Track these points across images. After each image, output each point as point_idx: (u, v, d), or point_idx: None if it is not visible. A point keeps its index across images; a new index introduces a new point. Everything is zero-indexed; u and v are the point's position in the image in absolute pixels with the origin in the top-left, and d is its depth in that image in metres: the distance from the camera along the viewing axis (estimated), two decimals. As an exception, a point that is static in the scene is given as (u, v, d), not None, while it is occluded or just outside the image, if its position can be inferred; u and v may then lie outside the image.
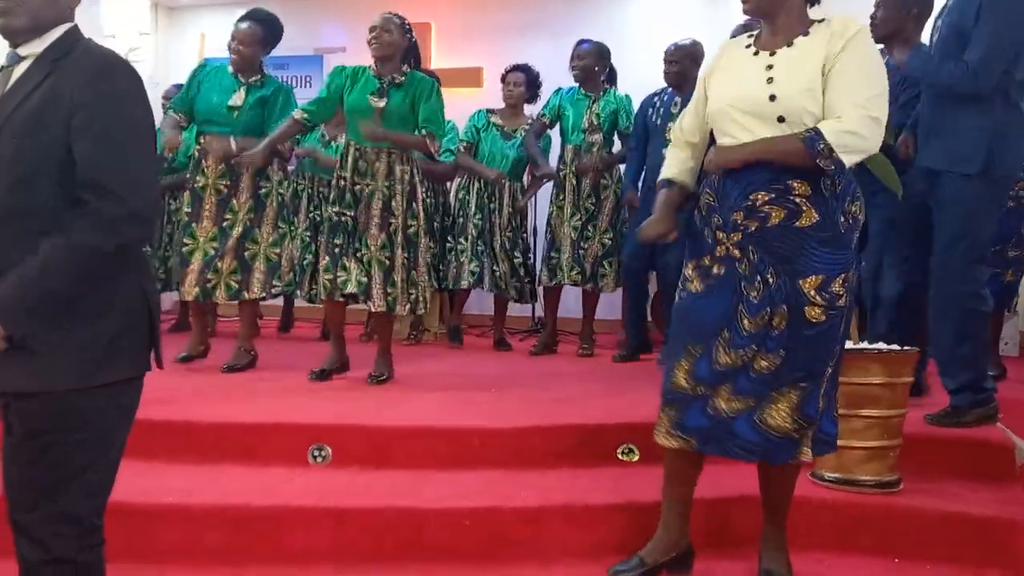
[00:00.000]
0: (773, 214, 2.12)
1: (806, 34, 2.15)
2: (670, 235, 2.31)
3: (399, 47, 3.83)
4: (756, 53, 2.19)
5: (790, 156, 2.07)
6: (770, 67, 2.13)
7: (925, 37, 3.46)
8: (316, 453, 2.95)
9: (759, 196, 2.12)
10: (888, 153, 2.92)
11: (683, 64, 4.60)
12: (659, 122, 4.64)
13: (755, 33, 2.27)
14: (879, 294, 3.43)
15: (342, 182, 3.80)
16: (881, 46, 3.53)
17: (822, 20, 2.18)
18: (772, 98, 2.10)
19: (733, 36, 3.06)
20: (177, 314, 5.84)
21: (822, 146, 2.03)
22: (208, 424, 3.07)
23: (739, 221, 2.15)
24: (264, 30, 4.12)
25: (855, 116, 2.04)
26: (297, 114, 3.86)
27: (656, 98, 4.74)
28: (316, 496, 2.69)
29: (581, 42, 5.05)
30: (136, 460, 2.81)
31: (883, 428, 2.73)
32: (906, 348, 2.79)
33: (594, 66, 4.95)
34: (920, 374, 3.26)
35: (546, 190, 5.27)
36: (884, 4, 3.48)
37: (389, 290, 3.77)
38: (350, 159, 3.80)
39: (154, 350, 1.72)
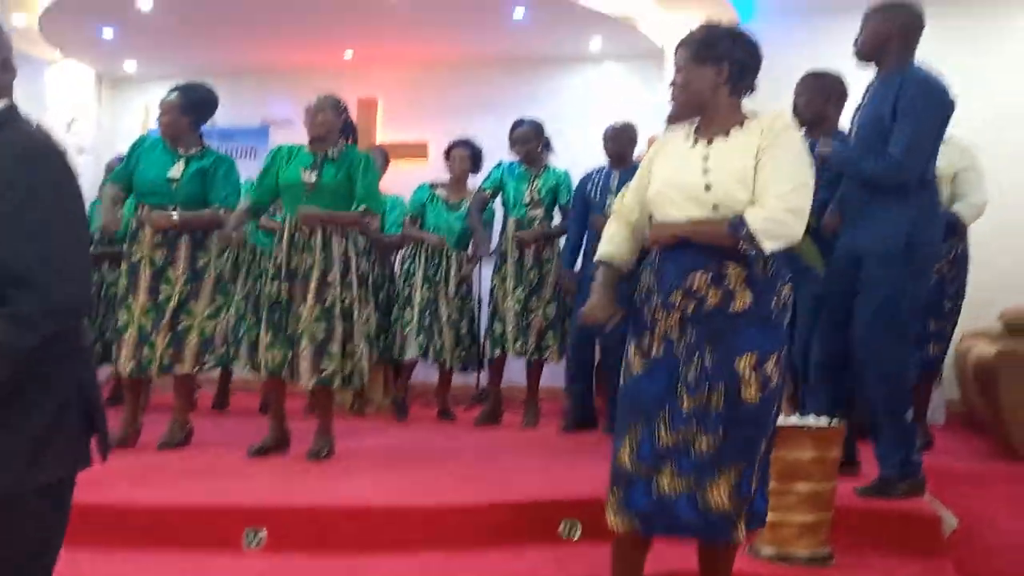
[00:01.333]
0: (710, 296, 2.20)
1: (741, 126, 2.26)
2: (612, 320, 2.35)
3: (334, 127, 3.92)
4: (695, 143, 2.30)
5: (717, 238, 2.18)
6: (706, 157, 2.24)
7: (844, 121, 3.64)
8: (251, 536, 2.90)
9: (696, 277, 2.20)
10: (812, 232, 3.03)
11: (619, 143, 4.81)
12: (597, 197, 4.80)
13: (696, 123, 2.37)
14: (809, 370, 3.52)
15: (278, 259, 3.83)
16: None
17: (756, 114, 2.29)
18: (707, 187, 2.20)
19: (669, 117, 3.20)
20: (112, 386, 5.72)
21: (745, 231, 2.13)
22: (139, 508, 3.00)
23: (677, 302, 2.22)
24: (184, 99, 4.09)
25: (778, 206, 2.15)
26: (244, 204, 3.95)
27: (595, 174, 4.91)
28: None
29: (517, 124, 5.17)
30: (62, 549, 2.76)
31: (815, 502, 2.79)
32: (834, 423, 2.86)
33: (536, 146, 5.10)
34: (852, 448, 3.34)
35: (490, 260, 5.34)
36: (805, 91, 3.66)
37: (324, 364, 3.77)
38: (286, 235, 3.84)
39: (99, 440, 1.65)
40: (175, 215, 3.93)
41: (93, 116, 7.54)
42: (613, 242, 2.42)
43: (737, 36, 2.31)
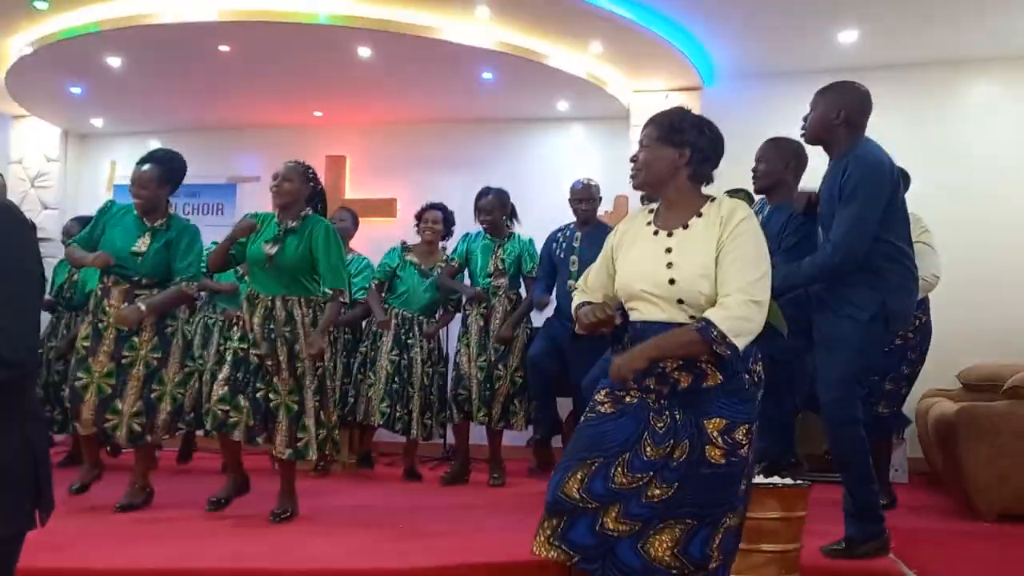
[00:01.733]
0: (682, 379, 2.25)
1: (699, 215, 2.32)
2: (608, 322, 2.33)
3: (300, 195, 3.90)
4: (656, 232, 2.35)
5: (689, 347, 2.21)
6: (669, 250, 2.29)
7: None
8: (212, 601, 2.84)
9: (668, 363, 2.24)
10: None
11: (592, 202, 4.90)
12: (562, 255, 4.88)
13: (655, 207, 2.43)
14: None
15: (247, 324, 3.81)
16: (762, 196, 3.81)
17: (712, 199, 2.35)
18: (672, 281, 2.26)
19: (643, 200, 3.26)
20: (70, 446, 5.60)
21: (715, 334, 2.17)
22: (98, 571, 2.92)
23: (651, 386, 2.27)
24: (162, 171, 4.08)
25: (740, 300, 2.19)
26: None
27: (559, 233, 4.99)
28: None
29: (484, 193, 5.19)
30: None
31: (782, 562, 2.80)
32: (799, 482, 2.89)
33: (500, 216, 5.15)
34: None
35: (456, 323, 5.35)
36: (766, 159, 3.76)
37: (300, 435, 3.75)
38: (246, 307, 3.84)
39: (42, 503, 1.63)
40: (142, 307, 3.87)
41: (59, 172, 7.49)
42: (586, 298, 2.47)
43: (704, 125, 2.39)
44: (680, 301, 2.24)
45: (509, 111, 6.79)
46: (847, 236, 3.09)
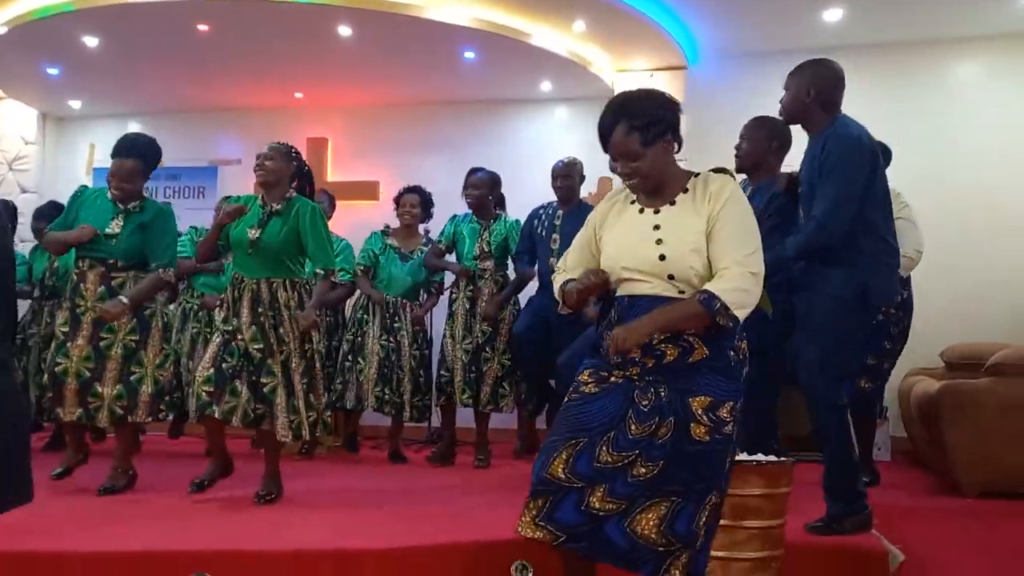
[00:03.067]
0: (668, 352, 2.24)
1: (686, 191, 2.30)
2: (603, 285, 2.30)
3: (283, 174, 3.86)
4: (641, 211, 2.32)
5: (692, 320, 2.20)
6: (657, 227, 2.27)
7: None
8: (196, 583, 2.82)
9: (654, 338, 2.22)
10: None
11: (571, 180, 4.85)
12: (544, 233, 4.87)
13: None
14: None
15: (230, 309, 3.77)
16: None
17: (697, 174, 2.33)
18: (662, 258, 2.24)
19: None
20: (52, 431, 5.56)
21: (718, 306, 2.16)
22: (81, 554, 2.89)
23: (637, 358, 2.25)
24: (143, 163, 4.03)
25: (738, 272, 2.19)
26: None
27: (542, 211, 4.97)
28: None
29: (474, 171, 5.20)
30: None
31: (765, 539, 2.80)
32: (783, 459, 2.89)
33: (487, 195, 5.14)
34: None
35: (442, 306, 5.33)
36: (749, 138, 3.75)
37: (292, 417, 3.73)
38: (230, 288, 3.82)
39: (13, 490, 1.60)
40: (124, 300, 3.82)
41: (37, 155, 7.40)
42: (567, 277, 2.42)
43: (662, 99, 2.32)
44: (671, 277, 2.23)
45: (492, 92, 6.75)
46: (829, 212, 3.10)
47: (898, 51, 6.08)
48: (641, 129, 2.26)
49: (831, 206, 3.09)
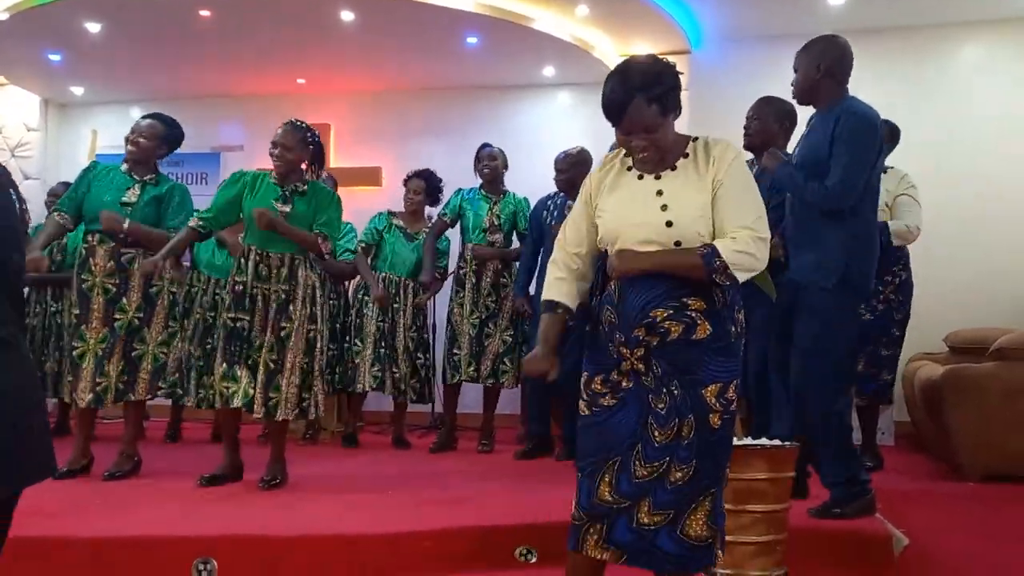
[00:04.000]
0: (672, 329, 2.20)
1: (685, 156, 2.25)
2: (550, 374, 2.29)
3: (300, 160, 3.86)
4: (641, 177, 2.26)
5: (689, 270, 2.17)
6: (660, 192, 2.22)
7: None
8: (201, 568, 2.82)
9: (658, 313, 2.20)
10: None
11: (573, 171, 4.79)
12: (552, 223, 4.80)
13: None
14: (766, 391, 3.57)
15: (240, 287, 3.75)
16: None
17: (695, 138, 2.29)
18: (669, 224, 2.19)
19: (612, 148, 3.18)
20: (56, 417, 5.57)
21: (718, 263, 2.13)
22: (85, 539, 2.91)
23: (641, 337, 2.22)
24: (165, 129, 4.08)
25: (747, 236, 2.15)
26: (193, 222, 3.82)
27: (550, 201, 4.93)
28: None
29: (485, 145, 5.20)
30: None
31: (769, 522, 2.80)
32: (787, 443, 2.89)
33: (501, 168, 5.14)
34: (801, 473, 3.36)
35: (447, 287, 5.33)
36: (758, 117, 3.74)
37: (271, 395, 3.71)
38: (251, 264, 3.75)
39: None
40: (127, 222, 3.84)
41: (39, 141, 7.39)
42: (557, 289, 2.35)
43: (669, 65, 2.24)
44: (677, 244, 2.18)
45: (495, 77, 6.72)
46: (840, 184, 3.09)
47: (901, 35, 6.05)
48: (659, 100, 2.18)
49: (842, 178, 3.09)
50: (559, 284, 2.34)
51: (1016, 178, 5.84)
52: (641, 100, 2.17)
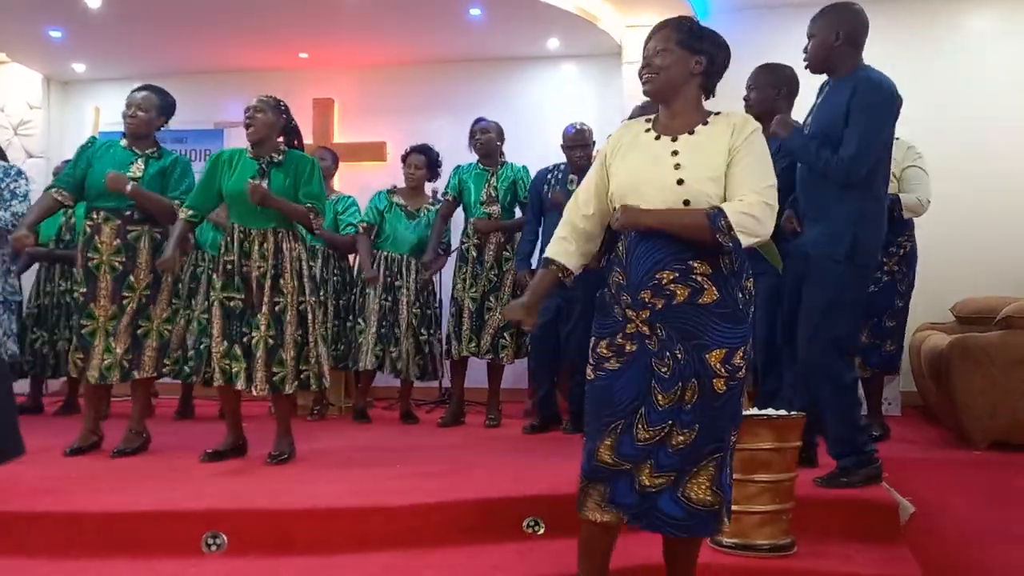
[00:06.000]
0: (678, 292, 2.21)
1: (705, 123, 2.28)
2: (527, 324, 2.39)
3: (275, 127, 3.84)
4: (658, 137, 2.30)
5: (694, 229, 2.18)
6: (675, 152, 2.25)
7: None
8: (211, 541, 2.85)
9: (664, 275, 2.21)
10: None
11: (583, 150, 4.73)
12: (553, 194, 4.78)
13: (652, 118, 2.37)
14: (775, 359, 3.57)
15: (228, 266, 3.76)
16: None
17: (718, 113, 2.31)
18: (680, 182, 2.21)
19: (632, 116, 3.18)
20: (65, 395, 5.60)
21: (723, 223, 2.14)
22: (95, 514, 2.93)
23: (647, 299, 2.23)
24: (160, 99, 4.06)
25: (755, 200, 2.17)
26: (183, 214, 3.82)
27: (550, 174, 4.88)
28: (211, 587, 2.60)
29: (479, 119, 5.18)
30: (16, 557, 2.69)
31: (775, 492, 2.81)
32: (793, 413, 2.90)
33: (496, 140, 5.11)
34: (810, 443, 3.37)
35: (451, 264, 5.32)
36: (757, 85, 3.71)
37: (275, 369, 3.72)
38: (235, 242, 3.77)
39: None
40: (130, 185, 3.84)
41: (42, 119, 7.37)
42: (563, 247, 2.39)
43: (719, 38, 2.35)
44: (687, 203, 2.20)
45: (499, 50, 6.66)
46: (857, 153, 3.07)
47: (913, 2, 5.98)
48: (682, 33, 2.29)
49: (857, 148, 3.07)
50: (559, 243, 2.41)
51: (1025, 147, 5.80)
52: (668, 30, 2.30)
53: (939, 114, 5.69)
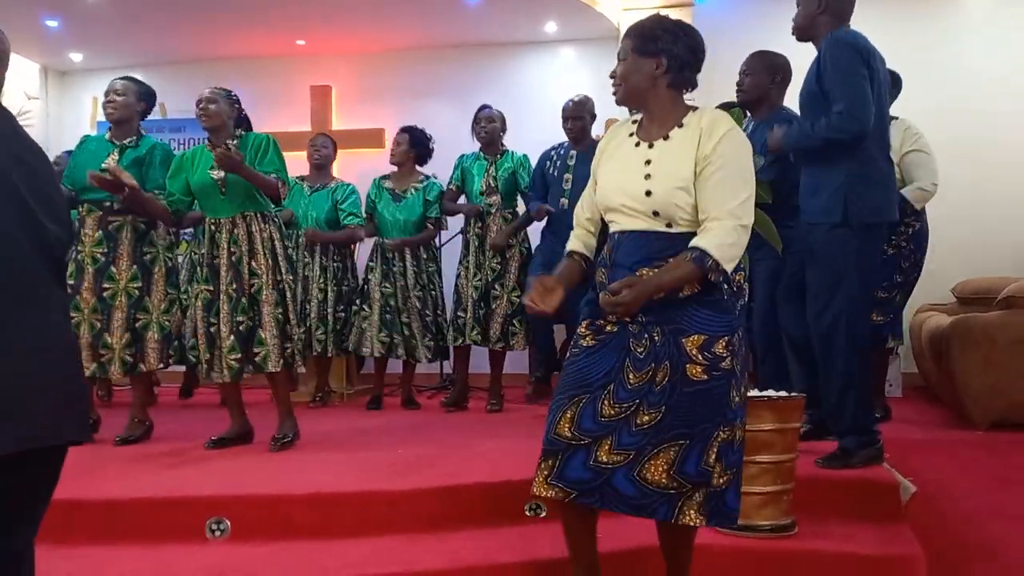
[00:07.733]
0: None
1: (681, 126, 2.27)
2: (550, 307, 2.29)
3: (228, 116, 3.87)
4: (637, 144, 2.31)
5: (686, 279, 2.18)
6: (648, 162, 2.25)
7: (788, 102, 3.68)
8: (214, 527, 2.86)
9: (643, 272, 2.22)
10: (768, 209, 3.06)
11: (582, 120, 4.78)
12: (556, 174, 4.84)
13: (639, 118, 2.37)
14: (772, 341, 3.57)
15: (202, 259, 3.82)
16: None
17: (695, 109, 2.30)
18: (648, 193, 2.22)
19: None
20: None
21: (710, 262, 2.14)
22: (98, 501, 2.95)
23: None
24: (137, 85, 4.08)
25: (729, 226, 2.17)
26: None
27: (553, 152, 4.93)
28: (215, 574, 2.60)
29: (483, 107, 5.16)
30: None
31: (776, 473, 2.82)
32: (793, 394, 2.90)
33: (500, 130, 5.11)
34: (817, 417, 3.38)
35: (456, 250, 5.31)
36: (751, 71, 3.70)
37: (256, 349, 3.75)
38: (207, 235, 3.82)
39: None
40: (126, 178, 3.78)
41: (40, 109, 7.35)
42: (574, 242, 2.45)
43: (679, 31, 2.31)
44: (655, 213, 2.22)
45: (497, 35, 6.64)
46: (851, 106, 3.05)
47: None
48: (635, 39, 2.31)
49: (848, 101, 3.05)
50: (575, 238, 2.46)
51: (1024, 127, 5.78)
52: (626, 40, 2.33)
53: (936, 95, 5.67)
